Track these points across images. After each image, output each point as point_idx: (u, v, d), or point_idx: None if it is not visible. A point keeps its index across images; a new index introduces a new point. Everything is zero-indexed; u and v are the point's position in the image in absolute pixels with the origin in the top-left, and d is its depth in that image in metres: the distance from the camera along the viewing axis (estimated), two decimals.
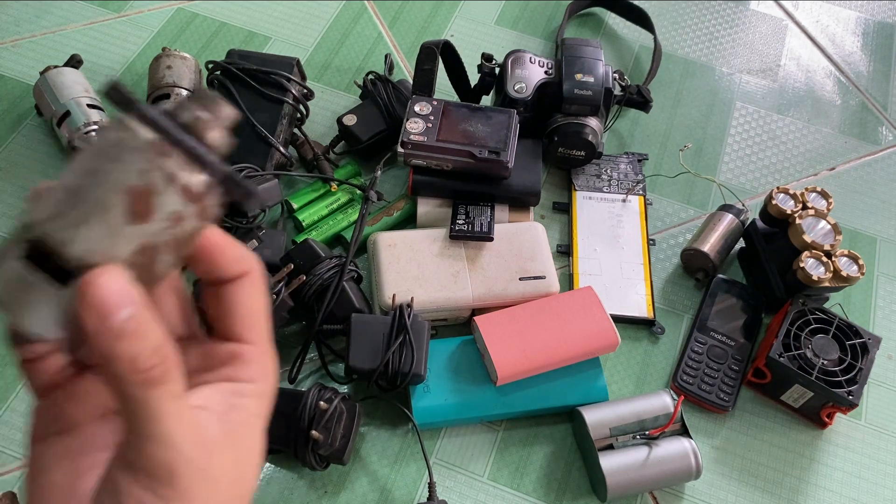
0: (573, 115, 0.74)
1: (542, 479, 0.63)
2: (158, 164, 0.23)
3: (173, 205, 0.24)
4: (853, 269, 0.67)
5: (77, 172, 0.24)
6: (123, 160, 0.23)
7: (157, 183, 0.23)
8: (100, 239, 0.23)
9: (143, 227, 0.23)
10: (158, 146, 0.23)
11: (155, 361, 0.23)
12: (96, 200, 0.23)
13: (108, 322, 0.22)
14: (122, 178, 0.23)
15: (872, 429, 0.68)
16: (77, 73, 0.75)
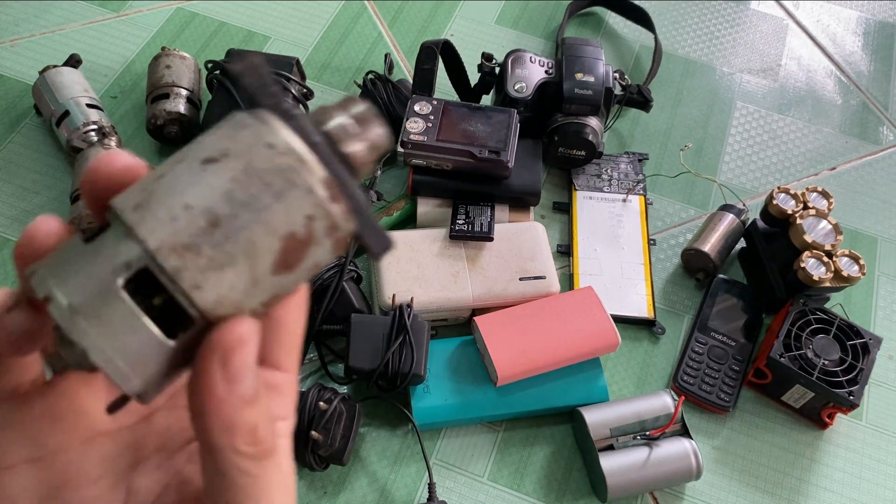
0: (573, 114, 0.74)
1: (543, 480, 0.63)
2: (326, 211, 0.19)
3: (321, 256, 0.20)
4: (854, 269, 0.67)
5: (221, 194, 0.18)
6: (289, 200, 0.19)
7: (320, 233, 0.19)
8: (239, 289, 0.19)
9: (283, 278, 0.19)
10: (332, 188, 0.19)
11: (270, 430, 0.20)
12: (248, 243, 0.18)
13: (239, 388, 0.19)
14: (284, 222, 0.19)
15: (873, 429, 0.68)
16: (76, 73, 0.75)
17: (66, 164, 0.74)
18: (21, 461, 0.21)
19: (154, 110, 0.73)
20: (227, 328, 0.18)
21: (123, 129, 0.77)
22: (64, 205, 0.71)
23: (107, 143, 0.70)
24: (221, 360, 0.18)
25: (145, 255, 0.18)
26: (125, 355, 0.18)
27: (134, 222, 0.18)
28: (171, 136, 0.74)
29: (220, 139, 0.19)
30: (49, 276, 0.18)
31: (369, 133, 0.21)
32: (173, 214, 0.18)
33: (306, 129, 0.19)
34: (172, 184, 0.19)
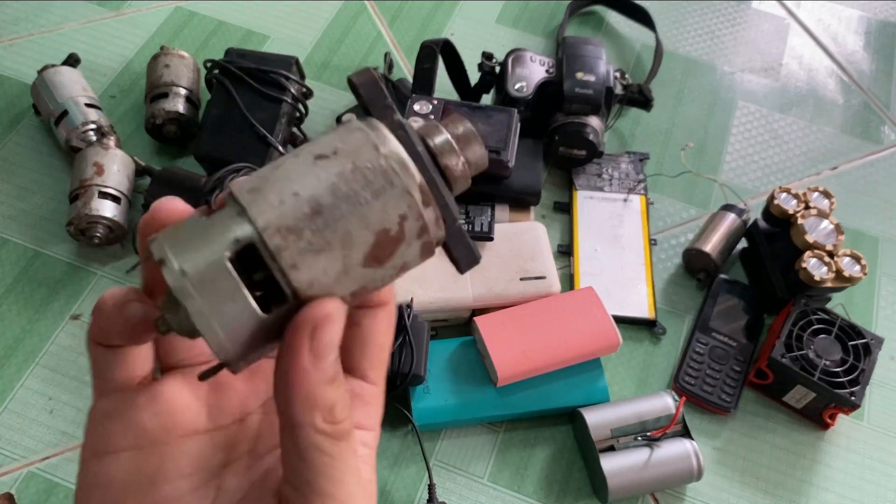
0: (574, 114, 0.73)
1: (543, 481, 0.62)
2: (419, 213, 0.21)
3: (409, 257, 0.21)
4: (855, 269, 0.66)
5: (327, 186, 0.20)
6: (386, 198, 0.20)
7: (410, 233, 0.21)
8: (331, 274, 0.20)
9: (371, 272, 0.21)
10: (426, 193, 0.21)
11: (347, 413, 0.21)
12: (345, 233, 0.20)
13: (322, 363, 0.20)
14: (380, 218, 0.20)
15: (875, 430, 0.67)
16: (75, 73, 0.75)
17: (65, 164, 0.74)
18: (124, 448, 0.22)
19: (153, 109, 0.73)
20: (318, 304, 0.20)
21: (122, 128, 0.76)
22: (62, 204, 0.71)
23: (105, 142, 0.70)
24: (311, 333, 0.20)
25: (254, 232, 0.20)
26: (222, 321, 0.20)
27: (247, 202, 0.20)
28: (169, 136, 0.74)
29: (334, 139, 0.21)
30: (166, 243, 0.20)
31: (468, 152, 0.23)
32: (282, 199, 0.20)
33: (412, 138, 0.21)
34: (285, 173, 0.21)
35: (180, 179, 0.68)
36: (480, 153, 0.23)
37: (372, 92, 0.22)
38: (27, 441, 0.61)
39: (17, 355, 0.64)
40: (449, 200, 0.22)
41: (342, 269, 0.20)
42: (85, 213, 0.66)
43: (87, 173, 0.67)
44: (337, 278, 0.20)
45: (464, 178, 0.23)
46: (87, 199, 0.66)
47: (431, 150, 0.22)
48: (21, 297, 0.67)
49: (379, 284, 0.22)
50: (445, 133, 0.23)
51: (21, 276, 0.68)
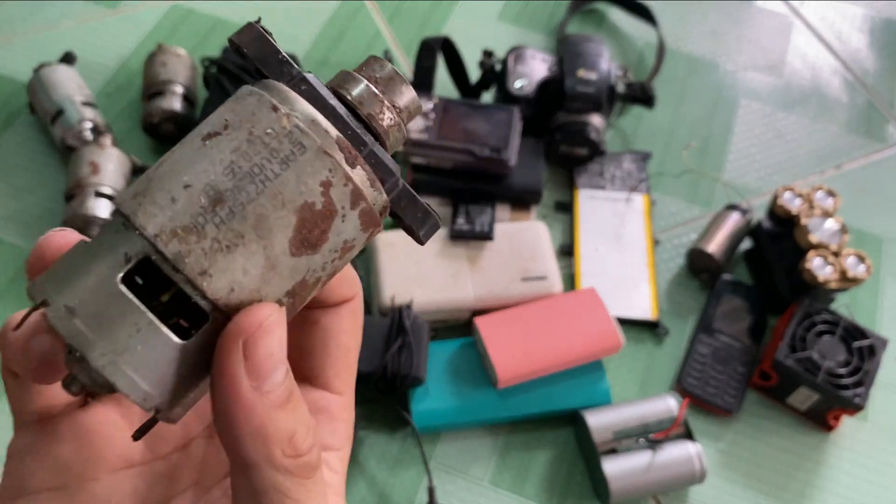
0: (576, 112, 0.72)
1: (545, 484, 0.62)
2: (346, 175, 0.17)
3: (350, 233, 0.18)
4: (860, 269, 0.66)
5: (223, 168, 0.17)
6: (299, 165, 0.17)
7: (341, 202, 0.17)
8: (254, 273, 0.17)
9: (307, 260, 0.17)
10: (348, 150, 0.17)
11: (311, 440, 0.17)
12: (258, 218, 0.17)
13: (267, 384, 0.16)
14: (296, 190, 0.17)
15: (879, 432, 0.67)
16: (71, 71, 0.74)
17: (61, 163, 0.73)
18: (44, 488, 0.19)
19: (150, 108, 0.72)
20: (245, 313, 0.16)
21: (118, 127, 0.76)
22: (58, 204, 0.70)
23: (101, 141, 0.69)
24: (243, 351, 0.16)
25: (145, 243, 0.16)
26: (133, 361, 0.16)
27: (131, 210, 0.17)
28: (166, 134, 0.73)
29: (223, 112, 0.18)
30: (47, 281, 0.17)
31: (395, 96, 0.19)
32: (172, 196, 0.16)
33: (319, 91, 0.18)
34: (172, 167, 0.17)
35: None
36: (408, 94, 0.19)
37: (260, 48, 0.18)
38: None
39: None
40: (384, 157, 0.18)
41: (266, 264, 0.17)
42: (81, 212, 0.65)
43: (82, 172, 0.66)
44: (262, 276, 0.17)
45: (395, 126, 0.19)
46: (83, 198, 0.65)
47: (348, 102, 0.18)
48: (17, 298, 0.66)
49: (323, 274, 0.18)
50: (362, 79, 0.19)
51: (16, 277, 0.67)
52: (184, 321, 0.18)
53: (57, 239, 0.18)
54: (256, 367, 0.16)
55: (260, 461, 0.17)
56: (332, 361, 0.21)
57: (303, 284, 0.18)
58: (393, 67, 0.19)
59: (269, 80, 0.18)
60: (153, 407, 0.17)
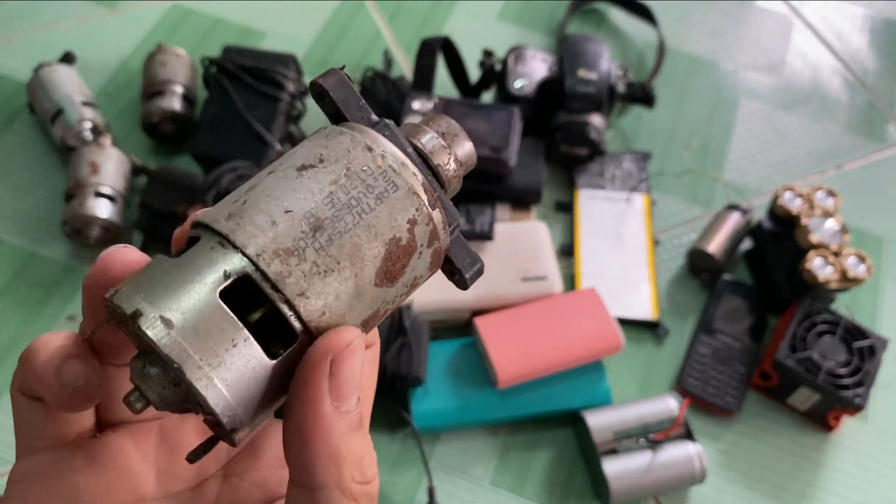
0: (576, 112, 0.72)
1: (545, 484, 0.62)
2: (428, 215, 0.18)
3: (420, 270, 0.18)
4: (860, 269, 0.66)
5: (323, 198, 0.17)
6: (392, 201, 0.18)
7: (421, 240, 0.18)
8: (344, 298, 0.17)
9: (383, 292, 0.18)
10: (431, 193, 0.18)
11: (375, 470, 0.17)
12: (353, 247, 0.17)
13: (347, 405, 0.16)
14: (388, 225, 0.18)
15: (879, 432, 0.67)
16: (71, 71, 0.74)
17: (60, 163, 0.73)
18: None
19: (149, 108, 0.72)
20: (335, 333, 0.16)
21: (118, 127, 0.76)
22: (58, 204, 0.70)
23: (101, 141, 0.69)
24: (330, 369, 0.16)
25: (245, 262, 0.17)
26: (223, 373, 0.16)
27: (229, 230, 0.17)
28: (166, 134, 0.73)
29: (314, 147, 0.19)
30: (135, 293, 0.16)
31: (458, 148, 0.20)
32: (273, 220, 0.17)
33: (399, 138, 0.19)
34: (268, 191, 0.18)
35: (177, 179, 0.67)
36: (469, 149, 0.21)
37: (344, 93, 0.19)
38: None
39: (13, 356, 0.63)
40: (447, 203, 0.19)
41: (354, 292, 0.17)
42: (80, 212, 0.65)
43: (82, 172, 0.66)
44: (349, 303, 0.17)
45: (456, 178, 0.20)
46: (83, 198, 0.65)
47: (420, 150, 0.20)
48: (16, 297, 0.66)
49: (391, 307, 0.19)
50: (431, 131, 0.20)
51: (16, 277, 0.67)
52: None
53: (123, 254, 0.18)
54: (339, 386, 0.16)
55: (330, 483, 0.16)
56: None
57: (375, 315, 0.18)
58: (454, 122, 0.21)
59: (352, 122, 0.19)
60: (234, 425, 0.16)
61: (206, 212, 0.18)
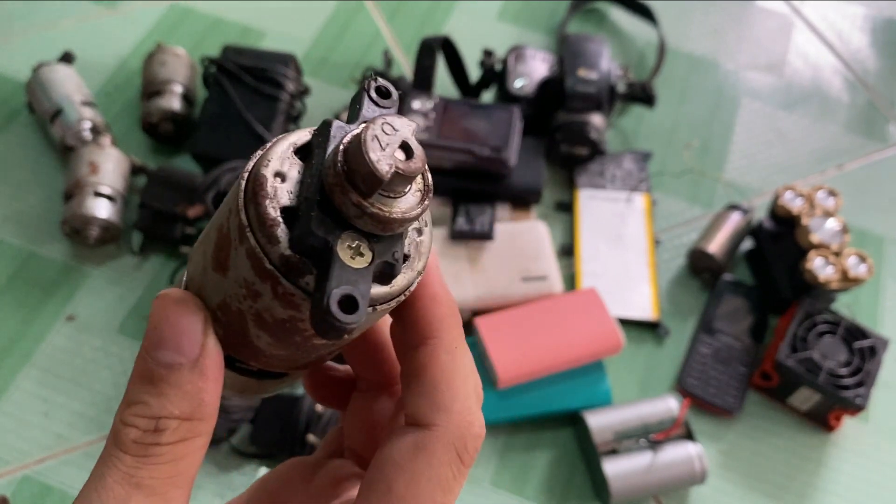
0: (576, 111, 0.72)
1: (545, 485, 0.61)
2: (238, 207, 0.17)
3: (244, 270, 0.17)
4: (861, 269, 0.65)
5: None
6: (232, 193, 0.18)
7: (233, 233, 0.17)
8: (197, 271, 0.19)
9: (219, 279, 0.18)
10: (256, 189, 0.17)
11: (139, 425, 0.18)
12: (209, 226, 0.19)
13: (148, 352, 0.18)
14: (221, 213, 0.19)
15: (880, 432, 0.66)
16: (70, 70, 0.74)
17: (60, 163, 0.73)
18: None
19: (148, 108, 0.72)
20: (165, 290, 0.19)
21: (117, 126, 0.75)
22: (57, 204, 0.70)
23: (100, 140, 0.69)
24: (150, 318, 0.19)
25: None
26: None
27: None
28: (165, 134, 0.73)
29: None
30: None
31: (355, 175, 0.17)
32: None
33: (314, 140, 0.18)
34: None
35: (176, 178, 0.67)
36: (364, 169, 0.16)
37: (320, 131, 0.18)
38: (21, 444, 0.60)
39: (11, 356, 0.63)
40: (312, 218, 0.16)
41: (202, 268, 0.19)
42: (79, 212, 0.65)
43: (81, 172, 0.66)
44: (200, 278, 0.19)
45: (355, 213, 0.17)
46: (82, 198, 0.65)
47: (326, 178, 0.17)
48: (15, 297, 0.66)
49: (243, 307, 0.18)
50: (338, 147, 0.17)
51: (15, 276, 0.67)
52: None
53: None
54: (147, 333, 0.18)
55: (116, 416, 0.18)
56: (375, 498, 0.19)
57: (226, 306, 0.18)
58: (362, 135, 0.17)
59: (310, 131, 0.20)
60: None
61: None
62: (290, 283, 0.17)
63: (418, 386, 0.19)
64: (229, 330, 0.19)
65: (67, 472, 0.59)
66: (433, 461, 0.18)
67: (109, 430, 0.18)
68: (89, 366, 0.63)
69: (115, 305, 0.66)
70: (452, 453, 0.19)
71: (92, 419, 0.61)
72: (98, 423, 0.61)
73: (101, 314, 0.66)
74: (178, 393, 0.18)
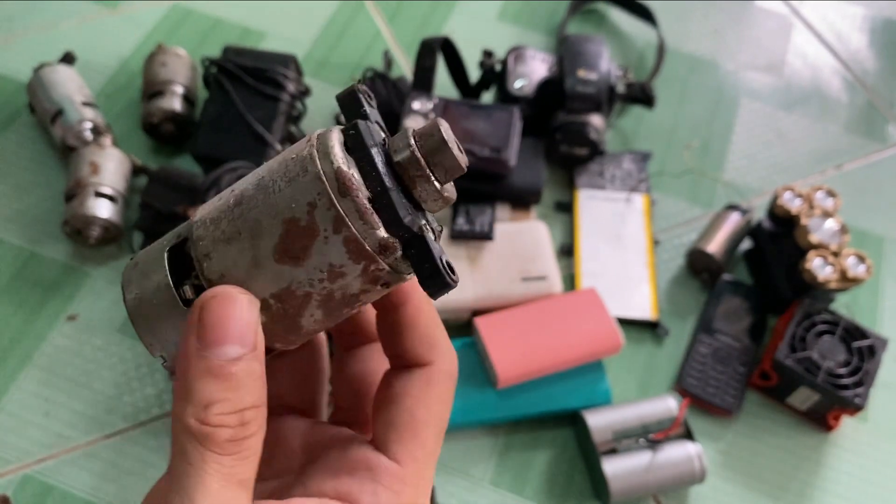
0: (576, 112, 0.72)
1: (545, 484, 0.62)
2: (330, 201, 0.18)
3: (334, 256, 0.19)
4: (860, 269, 0.66)
5: (255, 179, 0.20)
6: (297, 185, 0.19)
7: (323, 224, 0.19)
8: (241, 265, 0.19)
9: (289, 270, 0.19)
10: (345, 181, 0.19)
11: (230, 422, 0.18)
12: (254, 221, 0.19)
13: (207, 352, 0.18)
14: (287, 205, 0.19)
15: (879, 432, 0.67)
16: (71, 71, 0.74)
17: (61, 163, 0.73)
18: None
19: (149, 108, 0.72)
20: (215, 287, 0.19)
21: (118, 127, 0.76)
22: (58, 204, 0.70)
23: (101, 141, 0.69)
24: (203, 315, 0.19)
25: (189, 227, 0.20)
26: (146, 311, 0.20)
27: (201, 207, 0.21)
28: (166, 135, 0.73)
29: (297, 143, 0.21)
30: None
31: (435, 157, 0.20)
32: (221, 196, 0.20)
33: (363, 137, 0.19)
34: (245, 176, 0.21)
35: (177, 179, 0.67)
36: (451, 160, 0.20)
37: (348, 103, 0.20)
38: (22, 443, 0.60)
39: (13, 356, 0.64)
40: (398, 202, 0.19)
41: (252, 262, 0.19)
42: (81, 212, 0.65)
43: (82, 172, 0.66)
44: (248, 271, 0.19)
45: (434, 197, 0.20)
46: (83, 198, 0.65)
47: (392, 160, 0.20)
48: (16, 297, 0.66)
49: (313, 291, 0.19)
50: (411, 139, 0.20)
51: (16, 277, 0.67)
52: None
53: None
54: (202, 332, 0.18)
55: (176, 414, 0.18)
56: (395, 425, 0.22)
57: (289, 293, 0.19)
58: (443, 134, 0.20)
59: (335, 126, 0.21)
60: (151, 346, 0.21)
61: None
62: (384, 262, 0.19)
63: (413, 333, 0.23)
64: (276, 315, 0.20)
65: (68, 471, 0.59)
66: (440, 388, 0.23)
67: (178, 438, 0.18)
68: (90, 366, 0.64)
69: (117, 305, 0.66)
70: (450, 380, 0.23)
71: (93, 419, 0.61)
72: (99, 423, 0.61)
73: (103, 314, 0.66)
74: (250, 383, 0.18)
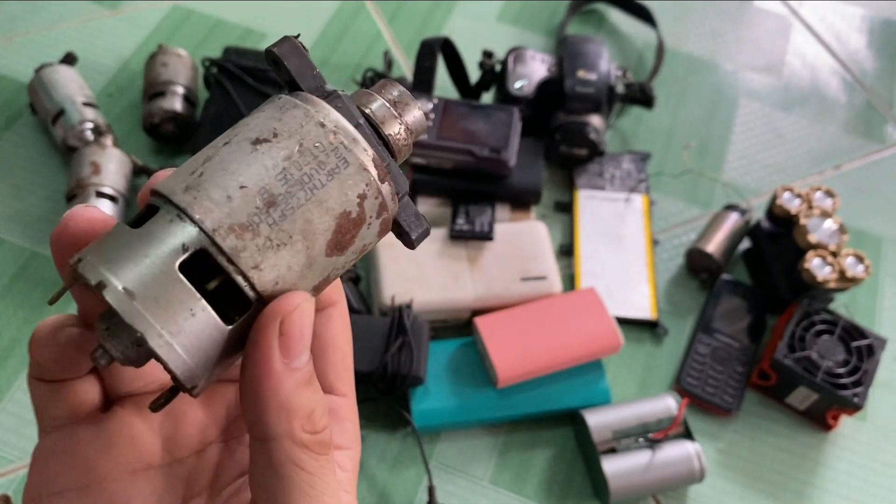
0: (575, 112, 0.73)
1: (544, 483, 0.62)
2: (378, 190, 0.19)
3: (369, 238, 0.20)
4: (859, 269, 0.66)
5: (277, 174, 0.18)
6: (342, 177, 0.19)
7: (370, 213, 0.19)
8: (296, 269, 0.18)
9: (334, 260, 0.19)
10: (381, 168, 0.20)
11: (326, 421, 0.19)
12: (305, 222, 0.18)
13: (296, 363, 0.18)
14: (339, 200, 0.19)
15: (878, 431, 0.67)
16: (72, 71, 0.74)
17: (62, 163, 0.73)
18: (68, 489, 0.20)
19: (150, 108, 0.72)
20: (284, 298, 0.18)
21: (119, 127, 0.76)
22: (59, 204, 0.70)
23: (102, 141, 0.69)
24: (279, 329, 0.18)
25: (202, 236, 0.18)
26: (184, 341, 0.17)
27: (187, 204, 0.18)
28: (167, 135, 0.73)
29: (268, 120, 0.19)
30: (99, 263, 0.18)
31: (406, 116, 0.21)
32: (228, 195, 0.18)
33: (350, 110, 0.20)
34: (223, 165, 0.19)
35: None
36: (419, 116, 0.21)
37: (298, 62, 0.20)
38: (24, 443, 0.60)
39: (14, 356, 0.64)
40: (395, 171, 0.20)
41: (306, 263, 0.19)
42: None
43: (83, 173, 0.66)
44: (301, 273, 0.19)
45: (406, 146, 0.21)
46: (84, 198, 0.65)
47: (371, 120, 0.21)
48: (17, 297, 0.66)
49: (341, 272, 0.20)
50: (381, 99, 0.21)
51: (17, 277, 0.67)
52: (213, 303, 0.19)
53: (87, 214, 0.19)
54: (288, 345, 0.18)
55: (281, 434, 0.18)
56: (332, 364, 0.22)
57: (326, 280, 0.20)
58: (405, 90, 0.22)
59: (305, 93, 0.20)
60: (191, 383, 0.18)
61: (164, 181, 0.19)
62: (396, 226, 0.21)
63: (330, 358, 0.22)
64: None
65: None
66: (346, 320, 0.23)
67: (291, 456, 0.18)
68: None
69: None
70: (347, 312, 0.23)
71: None
72: None
73: None
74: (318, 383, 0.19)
